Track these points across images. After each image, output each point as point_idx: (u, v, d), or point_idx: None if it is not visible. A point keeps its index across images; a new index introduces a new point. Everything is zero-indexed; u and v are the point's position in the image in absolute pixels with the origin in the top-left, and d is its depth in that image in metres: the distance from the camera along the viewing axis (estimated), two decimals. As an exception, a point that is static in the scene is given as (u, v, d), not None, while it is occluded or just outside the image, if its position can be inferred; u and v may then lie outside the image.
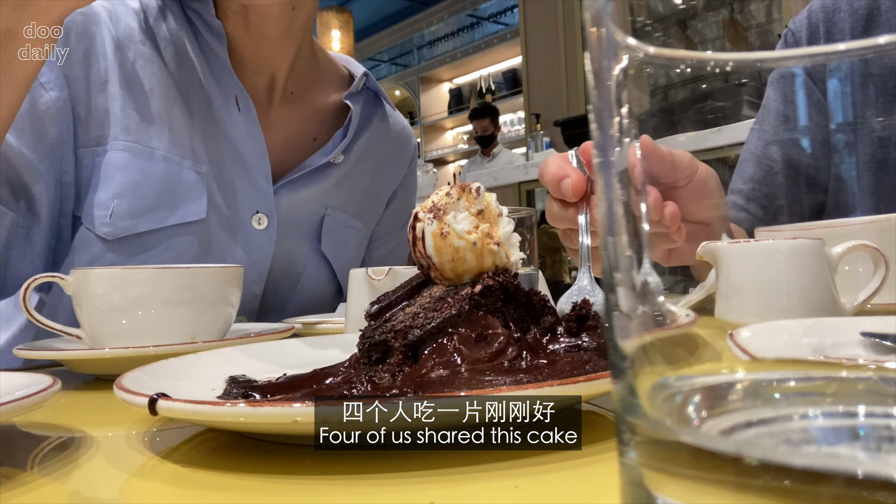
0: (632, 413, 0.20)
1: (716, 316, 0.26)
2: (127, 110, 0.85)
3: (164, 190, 0.85)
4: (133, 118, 0.86)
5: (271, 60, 0.95)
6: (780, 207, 0.31)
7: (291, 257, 0.97)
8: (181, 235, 0.85)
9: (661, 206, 0.20)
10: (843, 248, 0.28)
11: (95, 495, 0.36)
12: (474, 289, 0.45)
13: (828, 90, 0.25)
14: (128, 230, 0.82)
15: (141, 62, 0.88)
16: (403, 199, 1.13)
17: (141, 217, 0.83)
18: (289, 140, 0.98)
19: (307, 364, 0.51)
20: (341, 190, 1.00)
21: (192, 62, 0.90)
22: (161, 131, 0.86)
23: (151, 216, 0.83)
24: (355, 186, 1.02)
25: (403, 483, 0.32)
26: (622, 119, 0.20)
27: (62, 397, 0.48)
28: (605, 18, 0.20)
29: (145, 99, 0.87)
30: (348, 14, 5.72)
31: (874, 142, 0.34)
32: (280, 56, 0.95)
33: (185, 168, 0.86)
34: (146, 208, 0.83)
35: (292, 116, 0.99)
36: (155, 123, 0.86)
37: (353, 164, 1.01)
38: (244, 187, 0.91)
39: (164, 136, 0.86)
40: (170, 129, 0.87)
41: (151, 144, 0.85)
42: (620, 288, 0.20)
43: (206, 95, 0.91)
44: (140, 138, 0.85)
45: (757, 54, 0.20)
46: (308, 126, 1.00)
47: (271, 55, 0.94)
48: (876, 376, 0.22)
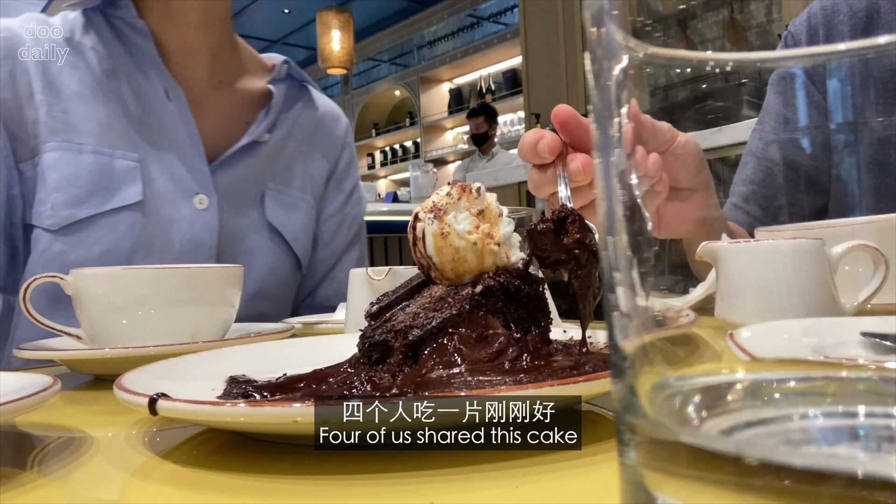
0: (632, 413, 0.20)
1: (716, 316, 0.26)
2: (53, 114, 0.94)
3: (98, 179, 0.92)
4: (59, 120, 0.94)
5: (196, 50, 1.04)
6: (780, 208, 0.31)
7: (240, 234, 1.02)
8: (121, 218, 0.92)
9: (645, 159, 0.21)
10: (843, 248, 0.28)
11: (95, 495, 0.36)
12: (475, 289, 0.45)
13: (828, 91, 0.25)
14: (69, 218, 0.90)
15: (67, 70, 0.97)
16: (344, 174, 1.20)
17: (79, 205, 0.91)
18: (222, 124, 1.05)
19: (307, 364, 0.51)
20: (275, 166, 1.07)
21: (121, 63, 0.99)
22: (89, 129, 0.94)
23: (89, 203, 0.91)
24: (289, 162, 1.10)
25: (403, 483, 0.32)
26: (622, 119, 0.20)
27: (62, 397, 0.48)
28: (605, 18, 0.20)
29: (71, 102, 0.95)
30: (348, 14, 5.72)
31: (874, 142, 0.34)
32: (203, 45, 1.05)
33: (117, 158, 0.94)
34: (81, 197, 0.91)
35: (223, 102, 1.07)
36: (82, 122, 0.94)
37: (282, 141, 1.09)
38: (180, 170, 0.98)
39: (92, 132, 0.94)
40: (98, 126, 0.95)
41: (78, 140, 0.93)
42: (620, 288, 0.20)
43: (137, 91, 0.99)
44: (68, 136, 0.93)
45: (757, 54, 0.20)
46: (239, 111, 1.08)
47: (195, 44, 1.04)
48: (876, 376, 0.22)
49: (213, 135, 1.03)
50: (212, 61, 1.06)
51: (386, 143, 8.75)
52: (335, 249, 1.18)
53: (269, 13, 7.55)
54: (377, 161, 8.80)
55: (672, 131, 0.39)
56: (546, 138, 0.59)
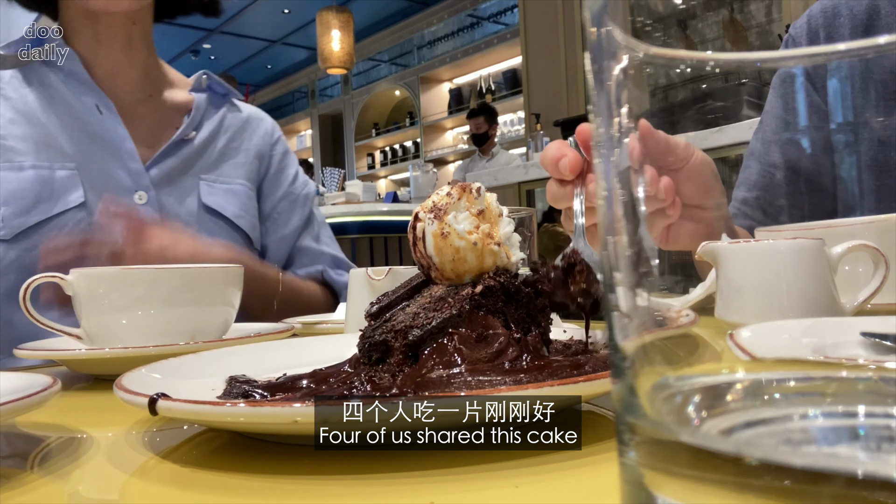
0: (632, 413, 0.20)
1: (716, 316, 0.26)
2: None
3: (40, 190, 1.01)
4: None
5: (125, 68, 1.15)
6: (782, 210, 0.31)
7: (184, 221, 1.12)
8: (68, 218, 1.01)
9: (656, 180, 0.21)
10: (843, 248, 0.28)
11: (95, 495, 0.36)
12: (475, 289, 0.45)
13: (828, 91, 0.25)
14: (20, 226, 0.99)
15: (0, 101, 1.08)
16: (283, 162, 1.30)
17: (27, 214, 0.99)
18: (154, 130, 1.15)
19: (307, 364, 0.51)
20: (205, 160, 1.17)
21: (53, 87, 1.11)
22: (26, 148, 1.05)
23: (36, 210, 1.00)
24: (219, 157, 1.20)
25: (403, 483, 0.32)
26: (622, 119, 0.20)
27: (62, 397, 0.48)
28: (605, 18, 0.20)
29: (6, 128, 1.06)
30: (348, 14, 5.72)
31: (875, 142, 0.34)
32: (131, 64, 1.16)
33: (56, 170, 1.04)
34: (28, 207, 1.00)
35: (154, 111, 1.18)
36: (19, 144, 1.05)
37: (209, 139, 1.19)
38: (118, 172, 1.09)
39: (29, 151, 1.05)
40: (35, 144, 1.06)
41: (18, 160, 1.03)
42: (620, 288, 0.20)
43: (70, 108, 1.10)
44: (7, 157, 1.04)
45: (757, 54, 0.20)
46: (169, 118, 1.18)
47: (124, 63, 1.15)
48: (876, 376, 0.22)
49: (147, 139, 1.13)
50: (141, 77, 1.17)
51: (386, 143, 8.75)
52: (292, 228, 1.27)
53: (269, 13, 7.55)
54: (377, 161, 8.80)
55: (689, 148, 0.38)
56: (568, 156, 0.62)
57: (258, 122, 1.30)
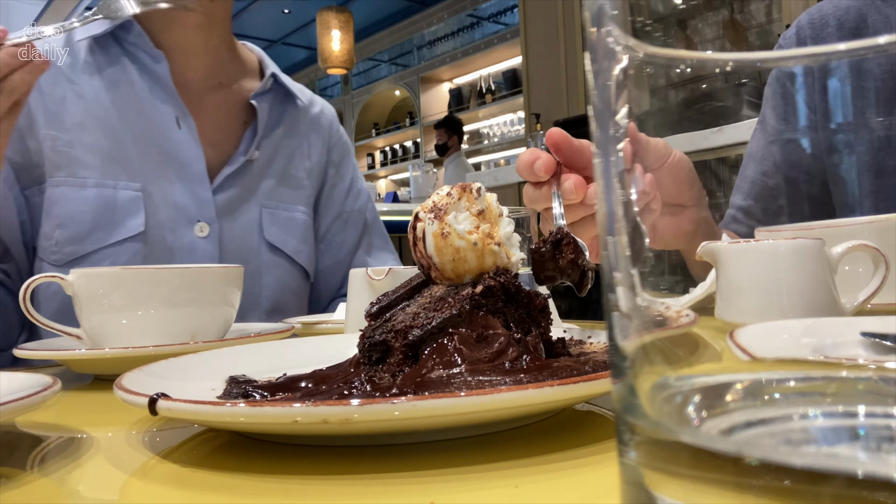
0: (632, 413, 0.20)
1: (716, 316, 0.26)
2: (58, 149, 0.95)
3: (100, 213, 0.94)
4: (63, 155, 0.95)
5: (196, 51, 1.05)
6: (781, 211, 0.31)
7: (244, 256, 1.03)
8: (124, 251, 0.94)
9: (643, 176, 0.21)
10: (843, 248, 0.28)
11: (95, 495, 0.36)
12: (475, 289, 0.45)
13: (828, 91, 0.25)
14: (73, 254, 0.92)
15: (71, 98, 0.97)
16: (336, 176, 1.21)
17: (82, 241, 0.92)
18: (218, 128, 1.07)
19: (307, 364, 0.51)
20: (266, 183, 1.09)
21: (132, 89, 1.00)
22: (92, 161, 0.95)
23: (91, 238, 0.93)
24: (279, 177, 1.11)
25: (403, 483, 0.32)
26: (622, 119, 0.20)
27: (62, 397, 0.48)
28: (605, 18, 0.20)
29: (75, 133, 0.96)
30: (348, 14, 5.71)
31: (875, 143, 0.34)
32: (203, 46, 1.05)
33: (120, 189, 0.96)
34: (84, 234, 0.93)
35: (222, 103, 1.09)
36: (86, 154, 0.95)
37: (270, 157, 1.10)
38: (183, 197, 0.99)
39: (95, 164, 0.95)
40: (102, 157, 0.96)
41: (82, 175, 0.95)
42: (620, 288, 0.20)
43: (146, 118, 1.00)
44: (71, 172, 0.95)
45: (757, 54, 0.20)
46: (237, 111, 1.09)
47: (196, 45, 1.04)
48: (876, 376, 0.22)
49: (211, 136, 1.04)
50: (211, 63, 1.07)
51: (386, 143, 8.74)
52: (347, 251, 1.19)
53: (269, 13, 7.54)
54: (377, 161, 8.79)
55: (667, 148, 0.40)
56: (542, 158, 0.64)
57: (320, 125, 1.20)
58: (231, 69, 1.11)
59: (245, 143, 1.07)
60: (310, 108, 1.20)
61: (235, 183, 1.05)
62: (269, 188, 1.09)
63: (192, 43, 1.04)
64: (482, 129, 7.53)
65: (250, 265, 1.03)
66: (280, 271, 1.07)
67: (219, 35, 1.07)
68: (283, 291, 1.07)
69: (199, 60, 1.06)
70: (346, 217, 1.20)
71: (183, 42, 1.04)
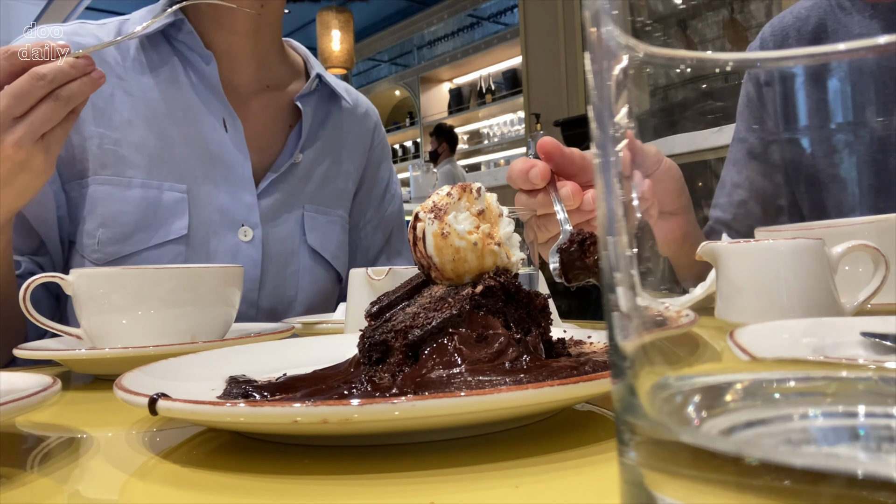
0: (632, 413, 0.20)
1: (716, 316, 0.26)
2: (104, 146, 0.93)
3: (144, 214, 0.92)
4: (109, 153, 0.93)
5: (243, 55, 1.03)
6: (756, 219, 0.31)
7: (284, 259, 1.03)
8: (166, 253, 0.92)
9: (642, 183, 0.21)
10: (843, 248, 0.28)
11: (95, 495, 0.36)
12: (475, 289, 0.45)
13: (827, 91, 0.25)
14: (114, 254, 0.91)
15: (120, 95, 0.95)
16: (375, 173, 1.20)
17: (124, 242, 0.91)
18: (266, 127, 1.05)
19: (307, 364, 0.51)
20: (309, 187, 1.08)
21: (181, 89, 0.98)
22: (138, 160, 0.94)
23: (133, 239, 0.91)
24: (322, 179, 1.10)
25: (403, 483, 0.32)
26: (622, 119, 0.20)
27: (62, 397, 0.48)
28: (605, 18, 0.20)
29: (122, 131, 0.94)
30: (348, 14, 5.72)
31: (874, 143, 0.34)
32: (251, 51, 1.04)
33: (165, 190, 0.94)
34: (127, 234, 0.91)
35: (268, 105, 1.07)
36: (132, 153, 0.94)
37: (314, 160, 1.09)
38: (228, 201, 0.98)
39: (141, 164, 0.94)
40: (148, 157, 0.94)
41: (128, 174, 0.93)
42: (620, 288, 0.20)
43: (194, 119, 0.98)
44: (117, 171, 0.93)
45: (757, 54, 0.20)
46: (283, 114, 1.08)
47: (243, 50, 1.03)
48: (876, 376, 0.22)
49: (256, 139, 1.03)
50: (259, 67, 1.06)
51: (386, 143, 8.74)
52: (373, 254, 1.19)
53: (269, 13, 7.54)
54: (377, 161, 8.79)
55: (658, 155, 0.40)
56: (538, 167, 0.66)
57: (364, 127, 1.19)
58: (278, 73, 1.10)
59: (290, 146, 1.06)
60: (355, 110, 1.18)
61: (280, 187, 1.04)
62: (311, 191, 1.08)
63: (241, 48, 1.03)
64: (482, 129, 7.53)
65: (289, 268, 1.03)
66: (317, 275, 1.07)
67: (267, 40, 1.06)
68: (317, 294, 1.07)
69: (247, 65, 1.05)
70: (377, 222, 1.20)
71: (231, 47, 1.03)
